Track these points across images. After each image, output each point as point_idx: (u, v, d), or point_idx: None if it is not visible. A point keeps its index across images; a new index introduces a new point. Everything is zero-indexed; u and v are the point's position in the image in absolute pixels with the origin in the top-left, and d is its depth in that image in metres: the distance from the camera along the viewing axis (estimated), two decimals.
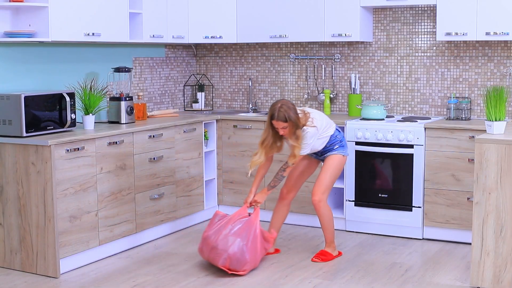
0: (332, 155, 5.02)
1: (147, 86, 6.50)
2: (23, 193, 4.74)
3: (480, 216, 4.30)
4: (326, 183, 5.02)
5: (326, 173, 5.02)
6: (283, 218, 5.24)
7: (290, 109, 4.70)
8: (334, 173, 5.04)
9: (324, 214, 5.06)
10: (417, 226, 5.62)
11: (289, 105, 4.73)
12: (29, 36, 4.91)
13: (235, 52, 6.94)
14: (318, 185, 5.02)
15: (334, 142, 5.01)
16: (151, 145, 5.53)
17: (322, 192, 5.01)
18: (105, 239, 5.13)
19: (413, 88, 6.18)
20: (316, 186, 5.02)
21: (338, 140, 5.03)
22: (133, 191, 5.37)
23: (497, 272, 4.29)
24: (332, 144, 5.01)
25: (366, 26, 6.13)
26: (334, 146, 5.01)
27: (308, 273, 4.83)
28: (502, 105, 4.41)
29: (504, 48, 5.79)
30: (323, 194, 5.02)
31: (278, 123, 4.72)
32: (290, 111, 4.69)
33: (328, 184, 5.03)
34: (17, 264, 4.86)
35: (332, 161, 5.02)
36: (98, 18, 5.33)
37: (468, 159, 5.38)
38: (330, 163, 5.02)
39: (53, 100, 4.97)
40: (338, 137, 5.04)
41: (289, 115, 4.68)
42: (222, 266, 4.70)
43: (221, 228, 4.76)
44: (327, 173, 5.01)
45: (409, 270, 4.88)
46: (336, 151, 5.01)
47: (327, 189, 5.04)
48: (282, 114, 4.68)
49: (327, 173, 5.01)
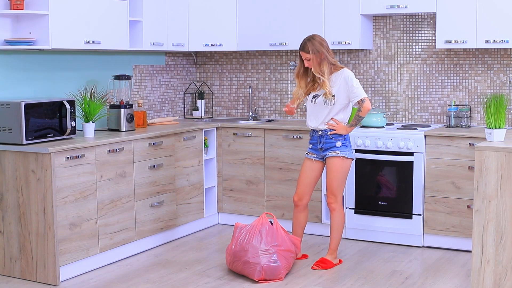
0: (333, 158, 5.00)
1: (147, 93, 6.51)
2: (23, 200, 4.74)
3: (480, 223, 4.30)
4: (334, 191, 5.04)
5: (332, 180, 5.03)
6: (303, 224, 5.25)
7: (316, 42, 4.89)
8: (340, 178, 5.03)
9: (335, 221, 5.09)
10: (417, 233, 5.61)
11: (318, 39, 4.92)
12: (30, 44, 4.92)
13: (235, 60, 6.95)
14: (329, 193, 5.06)
15: (339, 136, 4.99)
16: (151, 153, 5.53)
17: (335, 199, 5.06)
18: (105, 246, 5.13)
19: (413, 96, 6.19)
20: (328, 193, 5.07)
21: (343, 137, 5.00)
22: (133, 198, 5.37)
23: (497, 280, 4.28)
24: (335, 137, 4.99)
25: (366, 34, 6.14)
26: (336, 142, 4.99)
27: (308, 281, 4.82)
28: (502, 113, 4.41)
29: (504, 56, 5.80)
30: (337, 201, 5.06)
31: (302, 53, 4.94)
32: (316, 44, 4.88)
33: (337, 191, 5.04)
34: (17, 271, 4.85)
35: (335, 167, 5.00)
36: (98, 26, 5.34)
37: (468, 167, 5.38)
38: (333, 169, 5.01)
39: (53, 108, 4.97)
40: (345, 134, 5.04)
41: (314, 48, 4.87)
42: (258, 278, 4.75)
43: (247, 241, 4.79)
44: (333, 180, 5.02)
45: (409, 278, 4.87)
46: (338, 150, 4.99)
47: (338, 195, 5.06)
48: (306, 46, 4.90)
49: (333, 180, 5.02)
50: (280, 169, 6.08)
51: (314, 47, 4.89)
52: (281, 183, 6.09)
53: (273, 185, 6.13)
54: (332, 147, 5.01)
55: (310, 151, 5.12)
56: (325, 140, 5.01)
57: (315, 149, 5.09)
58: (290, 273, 4.95)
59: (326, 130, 5.01)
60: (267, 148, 6.13)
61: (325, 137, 5.01)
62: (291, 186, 6.01)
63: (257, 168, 6.19)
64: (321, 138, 5.03)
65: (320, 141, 5.04)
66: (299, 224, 5.24)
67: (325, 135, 5.01)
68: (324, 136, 5.01)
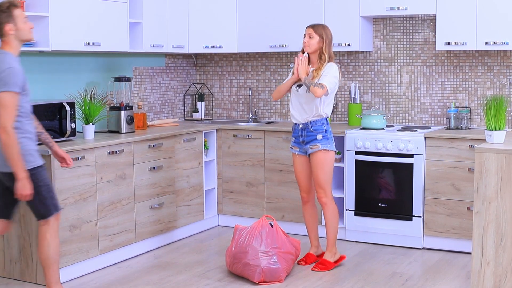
0: (316, 152, 5.00)
1: (147, 95, 6.51)
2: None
3: (480, 225, 4.30)
4: (322, 184, 5.05)
5: (318, 175, 5.04)
6: (316, 219, 5.28)
7: (327, 29, 5.03)
8: (326, 170, 5.03)
9: (328, 216, 5.13)
10: (417, 235, 5.61)
11: (329, 29, 5.06)
12: (30, 46, 4.92)
13: (235, 62, 6.95)
14: (318, 187, 5.08)
15: (319, 129, 4.99)
16: (151, 155, 5.53)
17: (325, 193, 5.07)
18: (105, 248, 5.13)
19: (413, 98, 6.19)
20: (317, 188, 5.08)
21: (324, 130, 5.00)
22: (133, 200, 5.36)
23: (497, 282, 4.28)
24: (316, 130, 4.99)
25: (366, 36, 6.14)
26: (317, 134, 4.99)
27: (308, 282, 4.82)
28: (502, 115, 4.41)
29: (503, 58, 5.80)
30: (327, 195, 5.08)
31: (308, 29, 5.01)
32: (327, 31, 5.01)
33: (325, 184, 5.05)
34: (17, 273, 4.85)
35: (318, 161, 5.01)
36: (98, 27, 5.34)
37: (468, 169, 5.38)
38: (317, 163, 5.02)
39: (53, 110, 4.97)
40: (325, 127, 5.02)
41: (323, 31, 4.99)
42: (258, 280, 4.75)
43: (247, 243, 4.80)
44: (319, 174, 5.03)
45: (409, 280, 4.87)
46: (319, 143, 4.99)
47: (327, 188, 5.07)
48: (317, 26, 5.03)
49: (319, 174, 5.03)
50: (280, 171, 6.08)
51: (323, 31, 5.00)
52: (281, 185, 6.09)
53: (273, 187, 6.13)
54: (313, 140, 5.01)
55: (294, 145, 5.15)
56: (306, 133, 5.02)
57: (297, 142, 5.11)
58: (290, 275, 4.95)
59: (307, 123, 5.01)
60: (267, 150, 6.13)
61: (306, 130, 5.02)
62: (291, 188, 6.01)
63: (257, 170, 6.19)
64: (302, 131, 5.05)
65: (302, 134, 5.05)
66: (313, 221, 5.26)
67: (306, 128, 5.02)
68: (305, 129, 5.02)
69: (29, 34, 4.09)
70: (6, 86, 3.91)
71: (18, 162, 3.97)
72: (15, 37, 4.03)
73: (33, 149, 4.11)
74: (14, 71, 3.93)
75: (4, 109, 3.91)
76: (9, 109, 3.93)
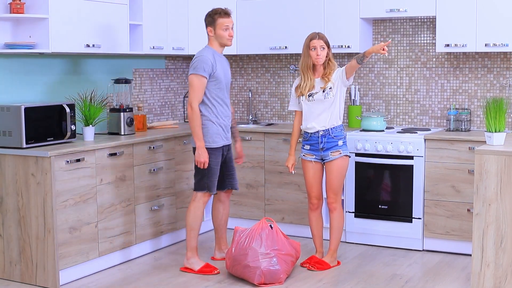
0: (337, 158, 5.02)
1: (147, 97, 6.51)
2: (23, 204, 4.74)
3: (480, 227, 4.30)
4: (337, 190, 5.10)
5: (335, 180, 5.07)
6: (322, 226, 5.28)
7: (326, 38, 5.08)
8: (342, 177, 5.11)
9: (335, 221, 5.14)
10: (417, 237, 5.61)
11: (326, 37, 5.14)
12: (30, 48, 4.93)
13: (235, 64, 6.95)
14: (331, 193, 5.09)
15: (340, 135, 5.04)
16: (151, 157, 5.53)
17: (336, 199, 5.10)
18: (105, 250, 5.13)
19: (413, 100, 6.19)
20: (330, 194, 5.09)
21: (343, 136, 5.07)
22: (133, 202, 5.37)
23: (497, 284, 4.28)
24: (337, 137, 5.02)
25: (366, 38, 6.14)
26: (338, 140, 5.03)
27: (308, 284, 4.82)
28: (502, 116, 4.41)
29: (503, 59, 5.80)
30: (337, 201, 5.12)
31: (318, 41, 5.02)
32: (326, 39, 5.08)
33: (338, 189, 5.11)
34: (17, 275, 4.85)
35: (338, 167, 5.04)
36: (98, 29, 5.34)
37: (468, 171, 5.38)
38: (336, 169, 5.04)
39: (53, 112, 4.97)
40: (343, 132, 5.08)
41: (326, 39, 5.07)
42: (258, 282, 4.76)
43: (247, 245, 4.80)
44: (336, 180, 5.07)
45: (409, 282, 4.87)
46: (340, 149, 5.03)
47: (339, 194, 5.12)
48: (322, 35, 5.07)
49: (335, 180, 5.07)
50: (280, 172, 6.08)
51: (327, 39, 5.08)
52: (281, 187, 6.09)
53: (273, 188, 6.13)
54: (334, 146, 5.02)
55: (308, 153, 5.11)
56: (327, 139, 5.02)
57: (314, 150, 5.09)
58: (290, 277, 4.95)
59: (328, 129, 5.02)
60: (267, 152, 6.13)
61: (327, 137, 5.02)
62: (291, 190, 6.01)
63: (257, 172, 6.19)
64: (322, 138, 5.04)
65: (322, 140, 5.04)
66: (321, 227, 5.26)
67: (326, 135, 5.02)
68: (326, 136, 5.02)
69: (227, 41, 5.03)
70: (194, 70, 4.85)
71: (198, 134, 4.85)
72: (214, 38, 5.04)
73: (215, 133, 4.93)
74: (202, 59, 4.88)
75: (191, 89, 4.86)
76: (195, 88, 4.85)
